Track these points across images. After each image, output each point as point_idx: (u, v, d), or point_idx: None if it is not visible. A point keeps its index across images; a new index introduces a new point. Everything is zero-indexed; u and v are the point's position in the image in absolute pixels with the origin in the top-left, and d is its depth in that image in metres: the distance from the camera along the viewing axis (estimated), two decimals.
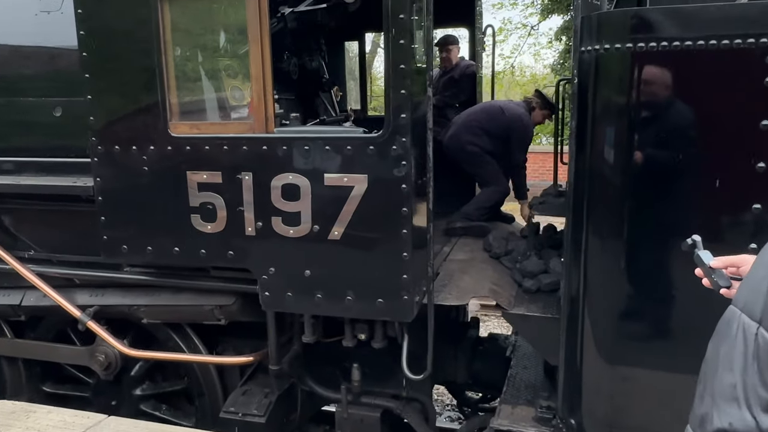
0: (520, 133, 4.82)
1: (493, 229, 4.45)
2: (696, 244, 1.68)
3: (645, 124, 2.58)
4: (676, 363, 2.65)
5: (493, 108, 4.99)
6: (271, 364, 3.67)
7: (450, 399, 5.87)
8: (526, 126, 4.85)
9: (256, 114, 3.13)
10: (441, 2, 4.76)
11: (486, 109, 5.04)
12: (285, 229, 3.16)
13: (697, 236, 1.69)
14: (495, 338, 4.45)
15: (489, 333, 4.61)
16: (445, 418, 5.85)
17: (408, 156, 2.92)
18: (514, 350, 4.19)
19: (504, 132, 4.79)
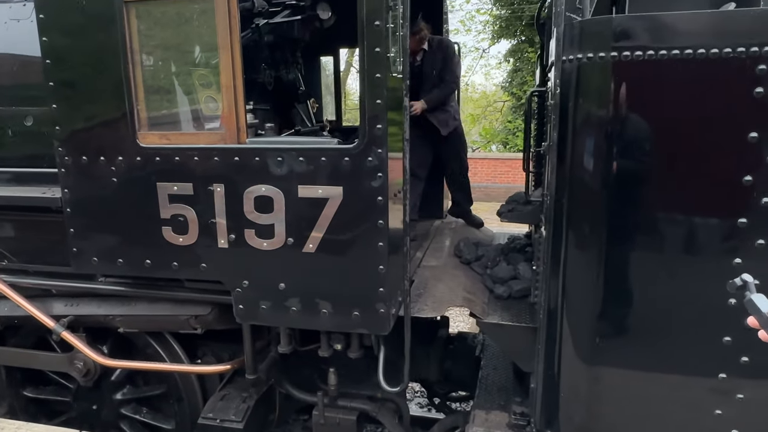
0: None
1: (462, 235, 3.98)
2: (747, 286, 1.20)
3: (628, 135, 2.12)
4: (654, 369, 2.27)
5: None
6: (248, 374, 3.13)
7: (420, 386, 5.39)
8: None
9: (228, 124, 2.58)
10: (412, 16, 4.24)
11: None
12: (258, 242, 2.62)
13: (749, 276, 1.21)
14: (464, 337, 3.98)
15: (458, 331, 4.14)
16: (415, 404, 5.37)
17: (384, 167, 2.41)
18: (483, 349, 3.73)
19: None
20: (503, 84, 18.80)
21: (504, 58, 18.45)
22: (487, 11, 18.33)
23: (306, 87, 4.42)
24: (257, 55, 3.54)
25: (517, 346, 2.81)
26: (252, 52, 3.49)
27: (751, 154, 1.99)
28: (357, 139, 2.43)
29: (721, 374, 2.17)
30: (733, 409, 2.18)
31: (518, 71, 16.94)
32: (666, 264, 2.17)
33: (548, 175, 2.34)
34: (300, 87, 3.95)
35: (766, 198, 2.00)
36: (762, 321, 1.16)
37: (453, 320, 6.10)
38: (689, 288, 2.15)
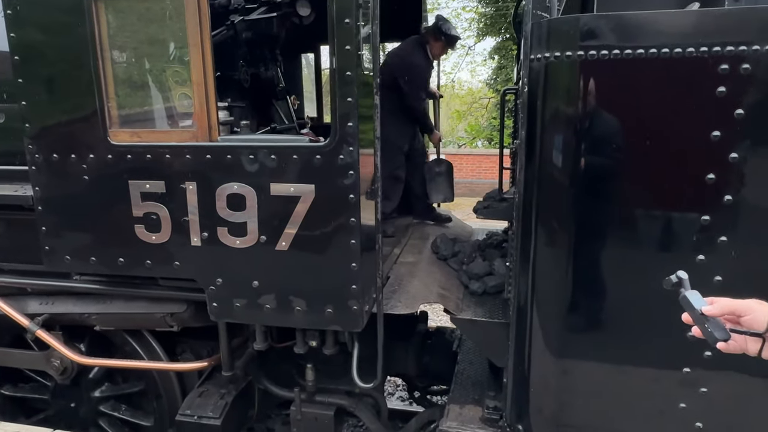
0: (401, 71, 3.79)
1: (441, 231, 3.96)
2: (682, 283, 1.19)
3: (595, 133, 2.11)
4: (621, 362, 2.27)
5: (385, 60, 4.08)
6: (224, 371, 3.10)
7: (401, 380, 5.39)
8: (407, 63, 3.80)
9: (200, 121, 2.53)
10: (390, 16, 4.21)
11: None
12: (231, 240, 2.58)
13: (683, 273, 1.20)
14: (442, 332, 3.97)
15: (436, 327, 4.13)
16: (397, 398, 5.37)
17: (356, 165, 2.38)
18: (460, 344, 3.73)
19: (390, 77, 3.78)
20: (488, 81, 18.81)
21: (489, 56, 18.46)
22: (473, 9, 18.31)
23: (286, 84, 4.37)
24: (233, 51, 3.48)
25: (490, 341, 2.80)
26: (228, 49, 3.43)
27: (714, 152, 1.99)
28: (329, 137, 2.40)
29: (685, 368, 2.18)
30: (696, 403, 2.19)
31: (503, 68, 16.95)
32: (632, 260, 2.17)
33: (518, 172, 2.32)
34: (279, 84, 3.90)
35: (729, 196, 2.00)
36: (695, 318, 1.16)
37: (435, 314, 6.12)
38: (655, 283, 2.15)
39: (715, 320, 1.14)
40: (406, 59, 3.94)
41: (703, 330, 1.14)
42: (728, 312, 1.14)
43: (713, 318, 1.14)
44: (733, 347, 1.13)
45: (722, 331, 1.12)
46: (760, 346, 1.13)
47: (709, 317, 1.14)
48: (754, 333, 1.12)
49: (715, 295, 2.09)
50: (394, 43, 5.03)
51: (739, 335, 1.12)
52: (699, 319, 1.15)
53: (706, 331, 1.14)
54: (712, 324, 1.13)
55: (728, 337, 1.12)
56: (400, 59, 3.95)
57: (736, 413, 2.17)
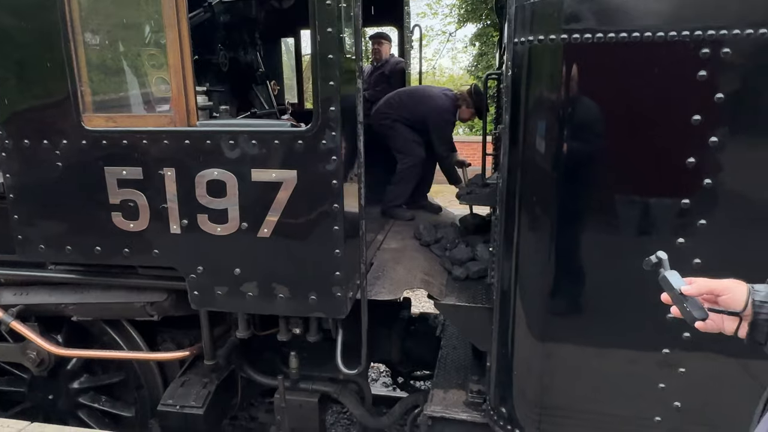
0: (436, 124, 4.12)
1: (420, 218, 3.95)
2: (662, 263, 1.20)
3: (578, 117, 2.11)
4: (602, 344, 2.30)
5: (420, 92, 4.31)
6: (206, 360, 3.06)
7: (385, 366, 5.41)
8: (444, 121, 4.14)
9: (177, 106, 2.47)
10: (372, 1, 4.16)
11: (413, 90, 4.39)
12: (212, 227, 2.53)
13: (663, 253, 1.21)
14: (425, 318, 3.98)
15: (420, 312, 4.14)
16: (381, 384, 5.39)
17: (338, 150, 2.35)
18: (443, 330, 3.74)
19: (421, 118, 4.10)
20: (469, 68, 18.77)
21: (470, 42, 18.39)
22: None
23: (266, 69, 4.29)
24: (211, 35, 3.40)
25: (473, 326, 2.81)
26: (205, 32, 3.35)
27: (695, 136, 2.00)
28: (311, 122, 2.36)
29: (665, 349, 2.22)
30: (675, 383, 2.23)
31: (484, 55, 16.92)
32: (614, 244, 2.18)
33: (501, 156, 2.32)
34: (258, 68, 3.82)
35: (708, 180, 2.02)
36: (674, 297, 1.17)
37: (417, 300, 6.14)
38: (636, 266, 2.17)
39: (693, 300, 1.15)
40: (444, 116, 4.14)
41: (682, 309, 1.15)
42: (706, 291, 1.16)
43: (691, 297, 1.15)
44: (710, 326, 1.14)
45: (700, 310, 1.14)
46: (736, 326, 1.14)
47: (687, 297, 1.15)
48: (731, 312, 1.14)
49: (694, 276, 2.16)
50: (375, 28, 4.98)
51: (717, 314, 1.13)
52: (678, 299, 1.16)
53: (684, 311, 1.15)
54: (690, 303, 1.14)
55: (706, 316, 1.13)
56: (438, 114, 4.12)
57: (713, 392, 2.21)
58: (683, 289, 1.15)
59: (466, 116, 4.24)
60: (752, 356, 2.14)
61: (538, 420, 2.46)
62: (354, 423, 4.65)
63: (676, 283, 1.16)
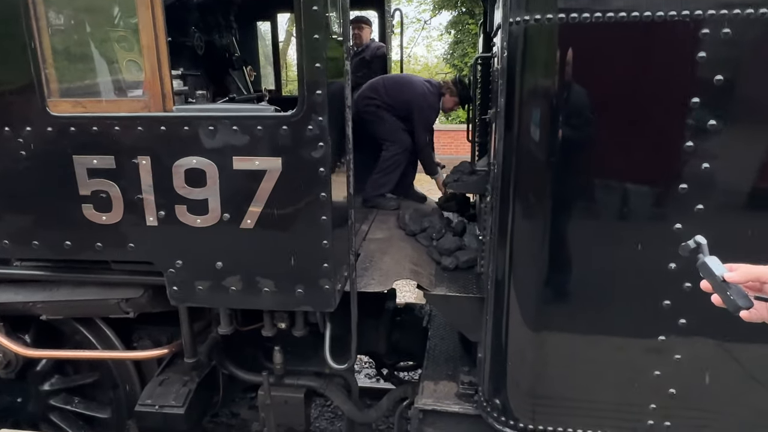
0: (420, 110, 4.04)
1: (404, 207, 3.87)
2: (700, 248, 1.13)
3: (574, 101, 2.04)
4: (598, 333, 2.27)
5: (404, 79, 4.25)
6: (187, 357, 2.93)
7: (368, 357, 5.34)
8: (429, 107, 4.07)
9: (152, 90, 2.31)
10: None
11: (398, 77, 4.32)
12: (191, 218, 2.39)
13: (702, 237, 1.14)
14: (411, 308, 3.91)
15: (405, 303, 4.07)
16: (364, 376, 5.33)
17: (325, 136, 2.24)
18: (430, 320, 3.68)
19: (405, 105, 4.03)
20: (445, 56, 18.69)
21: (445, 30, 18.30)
22: None
23: (242, 53, 4.12)
24: (185, 16, 3.22)
25: (464, 316, 2.75)
26: (179, 13, 3.17)
27: (693, 120, 1.96)
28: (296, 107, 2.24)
29: (660, 336, 2.19)
30: (670, 369, 2.22)
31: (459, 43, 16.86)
32: (611, 230, 2.14)
33: (495, 142, 2.24)
34: (235, 53, 3.65)
35: (706, 164, 1.99)
36: (715, 285, 1.10)
37: (400, 291, 6.08)
38: (632, 253, 2.14)
39: (737, 287, 1.07)
40: (428, 101, 4.07)
41: (725, 298, 1.08)
42: (751, 278, 1.08)
43: (735, 285, 1.07)
44: (755, 315, 1.08)
45: (744, 298, 1.06)
46: None
47: (730, 284, 1.07)
48: None
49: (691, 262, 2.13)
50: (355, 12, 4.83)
51: (762, 303, 1.07)
52: (720, 287, 1.08)
53: (727, 299, 1.08)
54: (734, 291, 1.07)
55: (751, 305, 1.07)
56: (422, 99, 4.06)
57: (709, 379, 2.20)
58: (726, 276, 1.08)
59: (449, 105, 4.17)
60: (748, 342, 2.13)
61: (533, 410, 2.42)
62: (338, 416, 4.58)
63: (718, 269, 1.09)
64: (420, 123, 4.10)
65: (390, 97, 4.03)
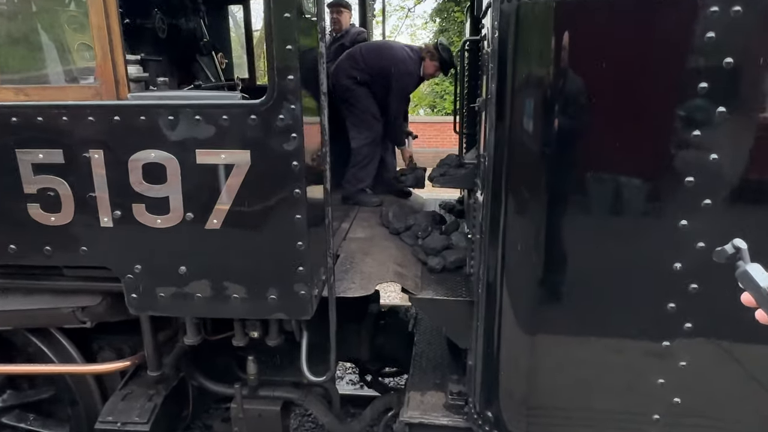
0: (399, 79, 3.89)
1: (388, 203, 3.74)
2: (740, 254, 0.99)
3: (573, 87, 1.92)
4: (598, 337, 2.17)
5: (383, 44, 4.13)
6: (150, 370, 2.77)
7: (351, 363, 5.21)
8: (408, 73, 3.91)
9: (103, 76, 2.14)
10: None
11: (376, 43, 4.21)
12: (151, 218, 2.23)
13: (741, 241, 1.00)
14: (396, 311, 3.79)
15: (390, 306, 3.95)
16: (347, 382, 5.20)
17: (298, 126, 2.10)
18: (416, 324, 3.57)
19: (383, 72, 3.88)
20: None
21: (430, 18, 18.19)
22: None
23: (212, 38, 3.94)
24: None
25: (453, 321, 2.64)
26: None
27: (701, 106, 1.85)
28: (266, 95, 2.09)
29: (664, 342, 2.10)
30: (675, 377, 2.12)
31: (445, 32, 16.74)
32: (611, 227, 2.04)
33: (485, 133, 2.12)
34: (203, 37, 3.48)
35: (715, 155, 1.89)
36: (759, 297, 0.96)
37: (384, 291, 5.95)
38: (634, 252, 2.04)
39: None
40: (408, 67, 3.93)
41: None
42: None
43: None
44: None
45: None
46: None
47: None
48: None
49: (697, 262, 2.04)
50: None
51: None
52: (764, 299, 0.95)
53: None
54: None
55: None
56: (403, 64, 3.93)
57: (716, 386, 2.11)
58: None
59: (430, 70, 4.02)
60: (760, 348, 2.04)
61: (527, 422, 2.31)
62: (320, 426, 4.45)
63: (763, 279, 0.95)
64: (397, 92, 3.96)
65: (368, 64, 3.91)
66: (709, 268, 1.98)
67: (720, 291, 2.00)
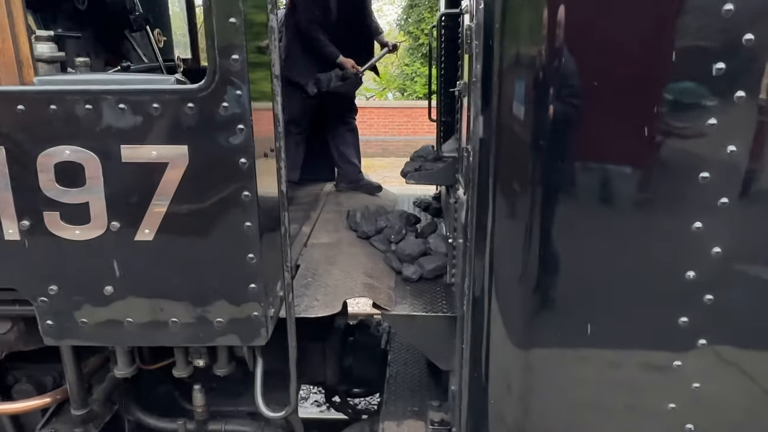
0: None
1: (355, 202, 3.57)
2: None
3: (572, 68, 1.77)
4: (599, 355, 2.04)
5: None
6: (74, 408, 2.52)
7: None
8: None
9: (2, 56, 1.88)
10: None
11: None
12: (67, 229, 2.00)
13: None
14: (366, 325, 3.61)
15: (359, 318, 3.76)
16: (312, 404, 5.01)
17: (245, 115, 1.89)
18: (390, 339, 3.40)
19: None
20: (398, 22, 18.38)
21: None
22: None
23: (148, 15, 3.66)
24: None
25: (432, 340, 2.48)
26: None
27: (718, 91, 1.73)
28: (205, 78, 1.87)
29: (675, 361, 1.98)
30: (688, 401, 2.01)
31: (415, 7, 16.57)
32: (615, 231, 1.90)
33: (469, 122, 1.95)
34: (134, 10, 3.20)
35: (733, 147, 1.76)
36: None
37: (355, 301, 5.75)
38: (643, 258, 1.91)
39: None
40: None
41: None
42: None
43: None
44: None
45: None
46: None
47: None
48: None
49: (714, 269, 1.93)
50: None
51: None
52: None
53: None
54: None
55: None
56: None
57: (733, 411, 2.01)
58: None
59: None
60: None
61: None
62: None
63: None
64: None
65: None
66: (727, 277, 1.90)
67: (739, 303, 1.91)
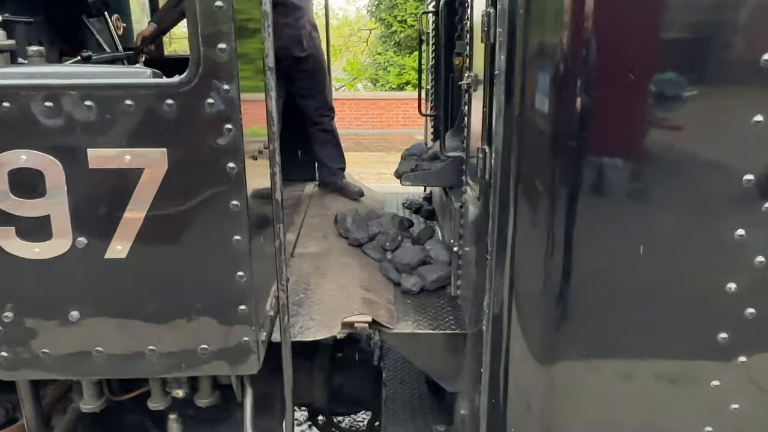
0: None
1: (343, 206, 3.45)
2: None
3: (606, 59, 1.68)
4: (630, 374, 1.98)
5: None
6: None
7: None
8: None
9: None
10: None
11: None
12: (24, 247, 1.86)
13: None
14: (356, 340, 3.48)
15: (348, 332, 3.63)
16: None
17: (234, 114, 1.76)
18: (383, 355, 3.28)
19: None
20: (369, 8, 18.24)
21: None
22: None
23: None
24: None
25: (438, 360, 2.40)
26: None
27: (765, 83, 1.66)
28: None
29: (713, 381, 1.93)
30: (726, 425, 1.96)
31: None
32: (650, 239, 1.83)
33: (487, 118, 1.85)
34: None
35: None
36: None
37: None
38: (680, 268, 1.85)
39: None
40: None
41: None
42: None
43: None
44: None
45: None
46: None
47: None
48: None
49: (757, 280, 1.88)
50: None
51: None
52: None
53: None
54: None
55: None
56: None
57: None
58: None
59: None
60: None
61: None
62: None
63: None
64: None
65: None
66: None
67: None
